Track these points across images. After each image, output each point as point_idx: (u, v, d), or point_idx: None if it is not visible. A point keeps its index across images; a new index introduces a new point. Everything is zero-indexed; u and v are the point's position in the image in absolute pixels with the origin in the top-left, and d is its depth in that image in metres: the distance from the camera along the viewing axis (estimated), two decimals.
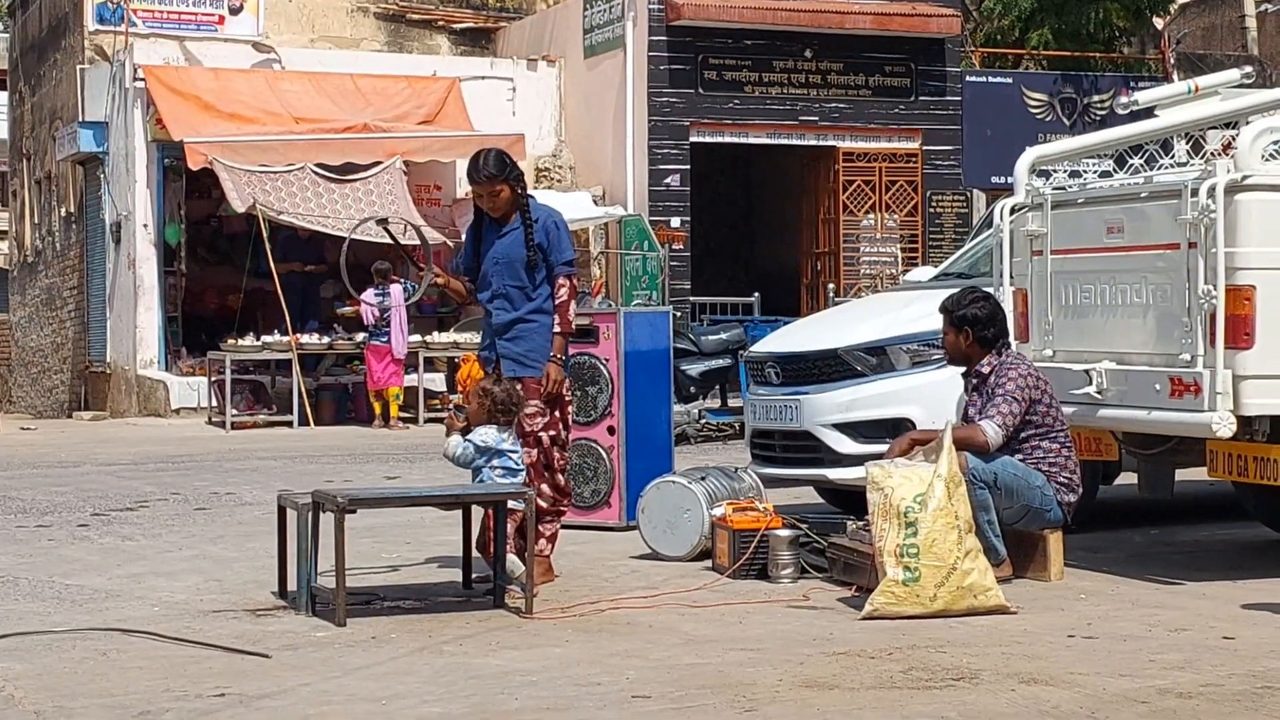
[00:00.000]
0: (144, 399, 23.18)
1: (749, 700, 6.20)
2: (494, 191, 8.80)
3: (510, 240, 8.84)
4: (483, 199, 8.85)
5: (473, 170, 8.86)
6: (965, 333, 8.82)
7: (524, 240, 8.80)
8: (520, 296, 8.80)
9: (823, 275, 24.74)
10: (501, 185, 8.80)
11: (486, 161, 8.84)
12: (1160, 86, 11.18)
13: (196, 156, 21.96)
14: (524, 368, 8.76)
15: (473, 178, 8.85)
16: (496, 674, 6.73)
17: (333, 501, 7.93)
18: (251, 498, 13.20)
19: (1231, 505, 10.64)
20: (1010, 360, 8.78)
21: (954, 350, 8.91)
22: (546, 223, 8.88)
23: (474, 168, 8.85)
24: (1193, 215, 8.40)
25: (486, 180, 8.79)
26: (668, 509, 9.61)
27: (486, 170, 8.80)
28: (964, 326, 8.82)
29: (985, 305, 8.84)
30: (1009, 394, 8.61)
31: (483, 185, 8.80)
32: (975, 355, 8.83)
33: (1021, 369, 8.71)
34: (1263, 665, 6.70)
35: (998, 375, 8.71)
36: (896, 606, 7.71)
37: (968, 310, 8.81)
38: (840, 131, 24.64)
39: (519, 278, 8.80)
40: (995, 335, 8.82)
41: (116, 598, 8.67)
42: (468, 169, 8.95)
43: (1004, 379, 8.68)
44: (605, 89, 24.54)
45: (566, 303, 8.82)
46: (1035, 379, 8.71)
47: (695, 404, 17.70)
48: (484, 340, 9.05)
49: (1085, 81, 26.43)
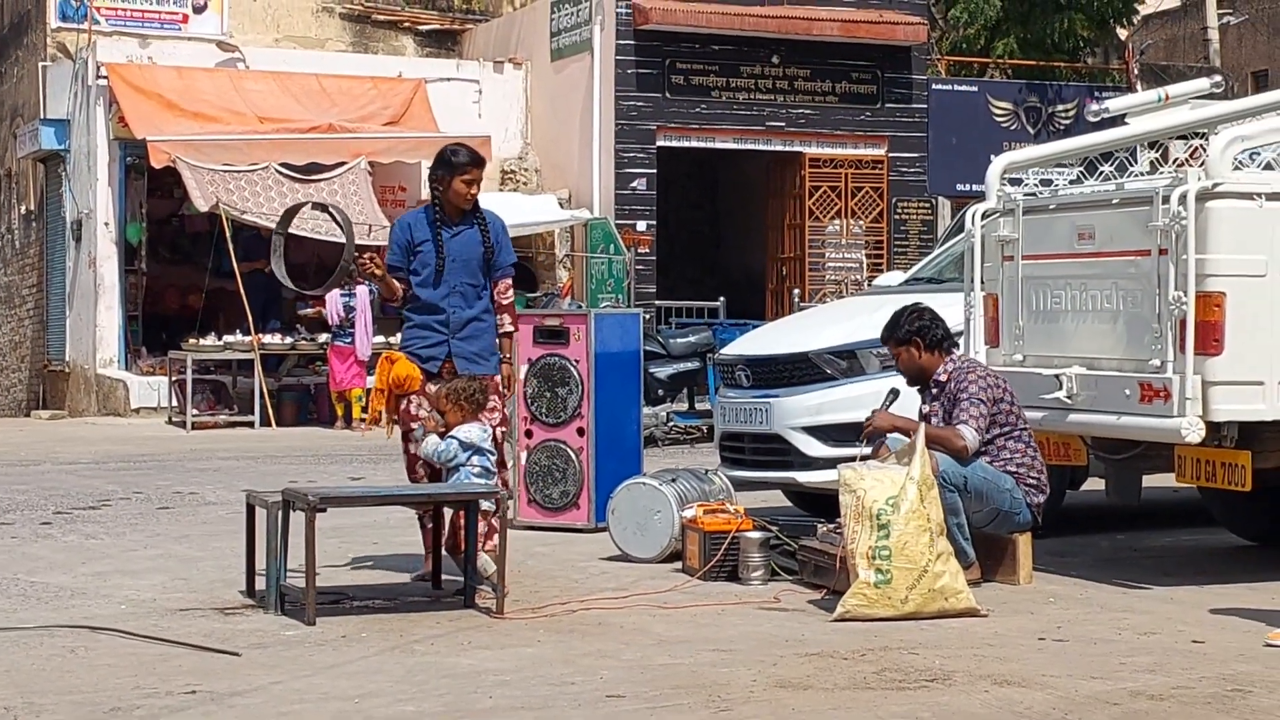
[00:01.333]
0: (103, 398, 23.06)
1: (723, 701, 6.19)
2: (477, 178, 8.85)
3: (465, 239, 8.82)
4: (472, 186, 8.82)
5: (452, 157, 8.86)
6: (915, 344, 8.87)
7: (480, 239, 8.80)
8: (474, 294, 8.79)
9: (788, 280, 24.76)
10: (481, 173, 8.89)
11: (464, 150, 8.91)
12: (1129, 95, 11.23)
13: (159, 155, 21.86)
14: (479, 365, 8.72)
15: (454, 164, 8.82)
16: (469, 673, 6.70)
17: (303, 500, 7.90)
18: (215, 497, 13.14)
19: (1198, 511, 10.68)
20: (966, 364, 8.85)
21: (910, 366, 8.94)
22: (495, 224, 8.93)
23: (453, 154, 8.87)
24: (1164, 222, 8.43)
25: (473, 165, 8.83)
26: (638, 510, 9.60)
27: (467, 157, 8.85)
28: (911, 339, 8.88)
29: (922, 314, 8.96)
30: (974, 397, 8.65)
31: (469, 171, 8.81)
32: (930, 363, 8.87)
33: (980, 371, 8.78)
34: (1232, 668, 6.73)
35: (957, 381, 8.75)
36: (868, 608, 7.72)
37: (907, 326, 8.90)
38: (806, 137, 24.68)
39: (475, 276, 8.79)
40: (942, 335, 8.90)
41: (82, 595, 8.61)
42: (445, 158, 8.90)
43: (965, 383, 8.71)
44: (572, 92, 24.53)
45: (512, 303, 8.91)
46: (995, 379, 8.78)
47: (663, 407, 17.70)
48: (427, 339, 8.83)
49: (1050, 91, 26.54)
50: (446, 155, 8.91)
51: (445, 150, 8.97)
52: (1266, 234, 8.41)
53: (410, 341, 8.88)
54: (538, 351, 11.00)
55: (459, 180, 8.82)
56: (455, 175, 8.83)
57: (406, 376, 8.68)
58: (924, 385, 8.95)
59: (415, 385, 8.69)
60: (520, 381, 11.02)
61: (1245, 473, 8.50)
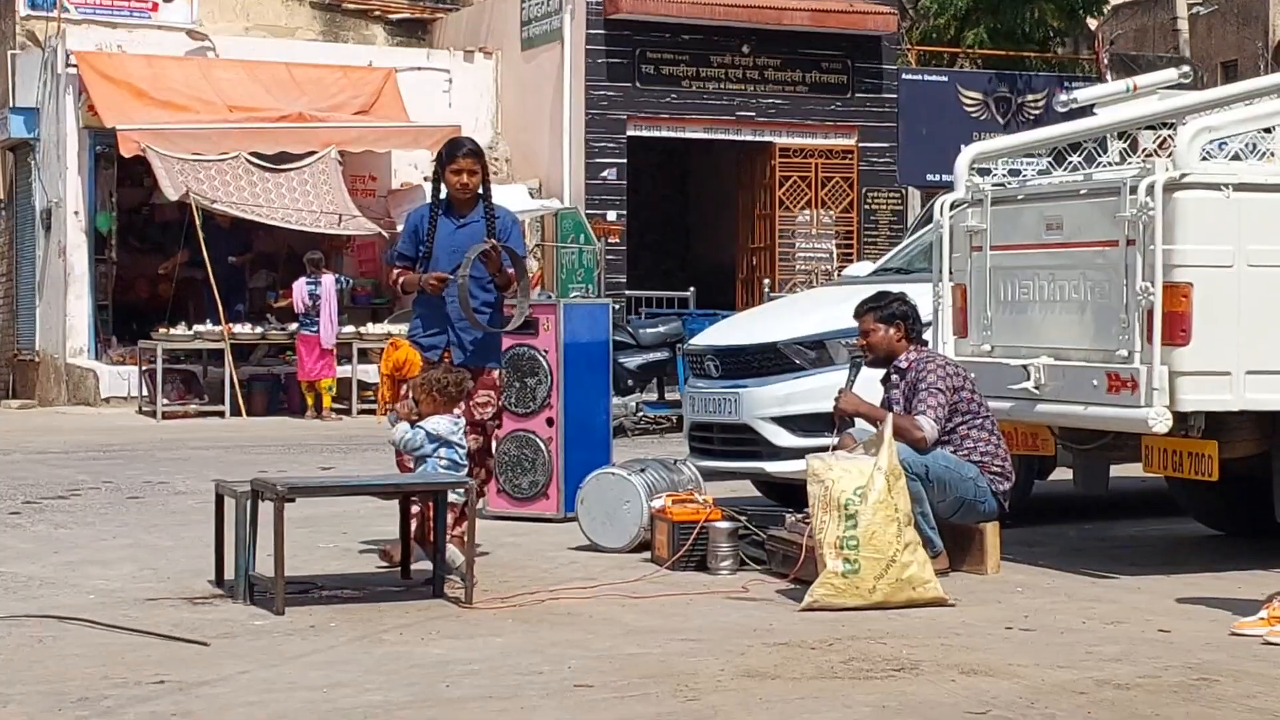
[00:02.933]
0: (74, 388, 22.99)
1: (691, 690, 6.21)
2: (474, 168, 8.86)
3: (471, 231, 8.84)
4: (460, 175, 8.84)
5: (453, 146, 8.92)
6: (898, 326, 8.90)
7: (486, 232, 8.81)
8: (476, 286, 8.79)
9: (758, 270, 24.78)
10: (480, 164, 8.90)
11: (463, 140, 9.03)
12: (1097, 85, 11.26)
13: (129, 144, 21.78)
14: (478, 357, 8.74)
15: (453, 153, 8.87)
16: (437, 663, 6.71)
17: (272, 490, 7.90)
18: (185, 487, 13.12)
19: (1165, 501, 10.73)
20: (926, 354, 8.91)
21: (884, 345, 8.96)
22: (505, 217, 8.97)
23: (453, 145, 8.94)
24: (1131, 213, 8.46)
25: (470, 156, 8.86)
26: (607, 500, 9.61)
27: (469, 145, 8.92)
28: (895, 321, 8.91)
29: (907, 302, 9.00)
30: (933, 386, 8.70)
31: (466, 160, 8.84)
32: (899, 350, 8.92)
33: (939, 360, 8.87)
34: (1198, 657, 6.77)
35: (917, 370, 8.80)
36: (836, 598, 7.74)
37: (896, 307, 8.94)
38: (777, 127, 24.68)
39: (478, 270, 8.78)
40: (920, 330, 8.97)
41: (51, 585, 8.60)
42: (446, 148, 8.99)
43: (924, 372, 8.77)
44: (542, 82, 24.50)
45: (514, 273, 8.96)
46: (954, 368, 8.84)
47: (633, 397, 17.71)
48: (429, 328, 8.96)
49: (1020, 81, 26.58)
50: (443, 151, 9.01)
51: (443, 146, 9.08)
52: (1233, 225, 8.44)
53: (414, 330, 9.02)
54: (507, 342, 10.94)
55: (448, 171, 8.88)
56: (445, 166, 8.89)
57: (406, 361, 8.73)
58: (886, 369, 8.97)
59: (415, 371, 8.75)
60: None
61: (1212, 462, 8.55)
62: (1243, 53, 38.69)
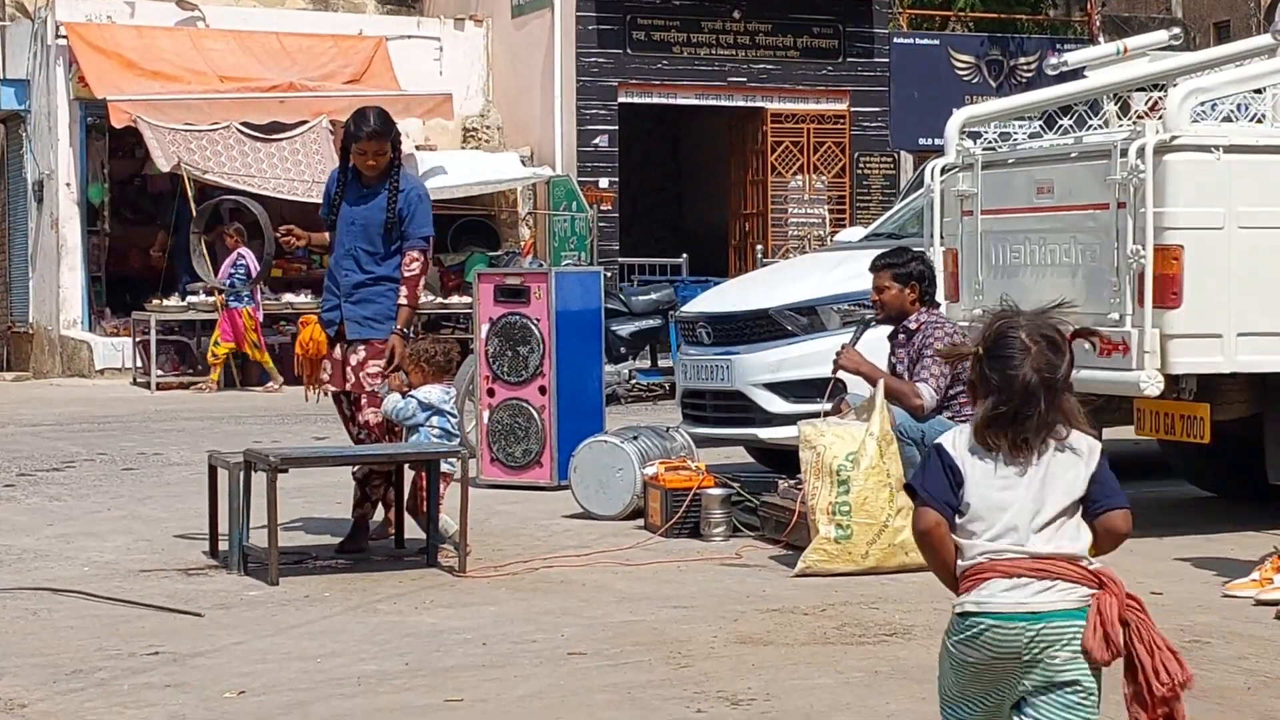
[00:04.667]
0: (68, 359, 22.98)
1: (684, 656, 6.23)
2: (380, 150, 8.49)
3: (372, 205, 8.56)
4: (366, 157, 8.49)
5: (357, 127, 8.48)
6: (913, 286, 8.84)
7: (385, 205, 8.52)
8: (369, 260, 8.55)
9: (750, 237, 24.76)
10: (387, 144, 8.51)
11: (370, 118, 8.49)
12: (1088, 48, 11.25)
13: (120, 115, 21.73)
14: (368, 329, 8.53)
15: (356, 134, 8.47)
16: (431, 632, 6.73)
17: (265, 461, 7.91)
18: (179, 458, 13.12)
19: (1158, 463, 10.75)
20: (935, 319, 8.85)
21: (896, 304, 8.84)
22: (411, 194, 8.59)
23: (358, 124, 8.48)
24: (1122, 175, 8.46)
25: (372, 137, 8.46)
26: (600, 468, 9.63)
27: (372, 126, 8.47)
28: (911, 281, 8.84)
29: (925, 261, 8.96)
30: (937, 354, 8.66)
31: (369, 143, 8.47)
32: (910, 310, 8.86)
33: (947, 328, 8.79)
34: (1190, 619, 6.79)
35: (924, 335, 8.76)
36: (829, 564, 7.76)
37: (913, 266, 8.86)
38: (768, 93, 24.63)
39: (372, 242, 8.56)
40: (934, 292, 8.91)
41: (45, 558, 8.61)
42: (350, 126, 8.53)
43: (930, 338, 8.72)
44: (533, 49, 24.44)
45: (417, 277, 8.56)
46: (961, 336, 8.78)
47: (625, 364, 17.71)
48: (327, 302, 8.75)
49: (1012, 44, 26.52)
50: (349, 124, 8.57)
51: (351, 118, 8.61)
52: (1224, 187, 8.45)
53: (321, 304, 8.82)
54: (498, 310, 11.01)
55: (355, 153, 8.55)
56: (358, 144, 8.52)
57: (311, 339, 8.63)
58: (894, 328, 8.92)
59: (321, 349, 8.62)
60: (481, 340, 11.05)
61: (1204, 425, 8.56)
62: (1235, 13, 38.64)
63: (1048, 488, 3.85)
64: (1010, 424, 3.89)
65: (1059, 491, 3.85)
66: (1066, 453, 3.89)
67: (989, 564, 3.81)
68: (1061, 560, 3.80)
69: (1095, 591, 3.79)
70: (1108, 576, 3.82)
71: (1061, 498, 3.85)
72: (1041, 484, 3.85)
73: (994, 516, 3.85)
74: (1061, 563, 3.80)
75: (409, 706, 5.61)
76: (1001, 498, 3.85)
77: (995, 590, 3.80)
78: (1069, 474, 3.88)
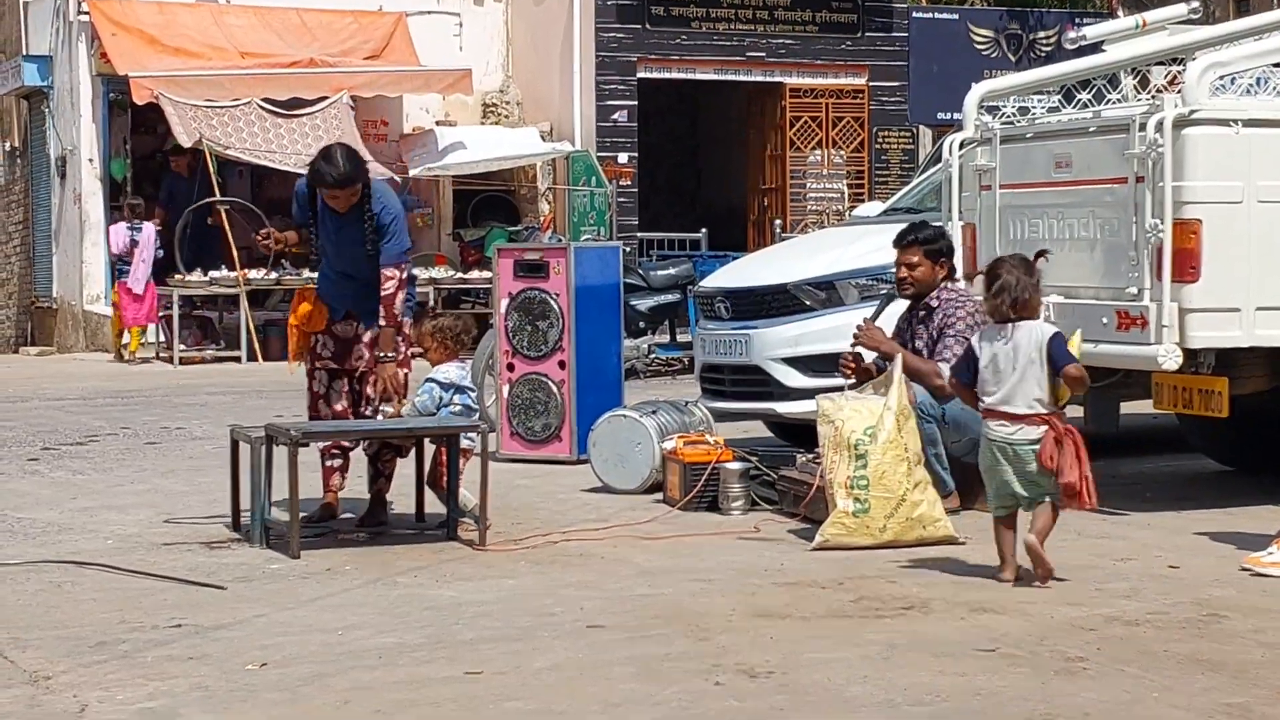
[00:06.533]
0: (91, 334, 23.06)
1: (702, 630, 6.26)
2: (351, 193, 8.37)
3: (349, 235, 8.47)
4: (337, 201, 8.37)
5: (323, 173, 8.32)
6: (942, 264, 8.85)
7: (362, 235, 8.41)
8: (368, 270, 8.46)
9: (769, 211, 24.75)
10: (355, 188, 8.37)
11: (339, 163, 8.30)
12: (1107, 22, 11.22)
13: (142, 91, 21.78)
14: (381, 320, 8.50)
15: (323, 181, 8.33)
16: (451, 605, 6.77)
17: (286, 435, 7.96)
18: (201, 432, 13.18)
19: (1176, 437, 10.75)
20: (958, 297, 8.83)
21: (925, 280, 8.85)
22: (383, 215, 8.43)
23: (326, 170, 8.31)
24: (1140, 150, 8.46)
25: (339, 184, 8.32)
26: (619, 442, 9.66)
27: (342, 172, 8.30)
28: (940, 258, 8.85)
29: (947, 236, 8.98)
30: (960, 333, 8.65)
31: (338, 189, 8.33)
32: (934, 285, 8.86)
33: (969, 306, 8.77)
34: (1207, 594, 6.81)
35: (946, 312, 8.76)
36: (847, 537, 7.79)
37: (943, 243, 8.88)
38: (787, 68, 24.61)
39: (359, 268, 8.50)
40: (954, 268, 8.93)
41: (69, 531, 8.67)
42: (314, 173, 8.38)
43: (952, 317, 8.73)
44: (552, 24, 24.43)
45: (392, 296, 8.40)
46: (983, 315, 8.76)
47: (644, 339, 17.73)
48: (332, 290, 8.67)
49: (1031, 17, 26.43)
50: (317, 166, 8.38)
51: (318, 158, 8.41)
52: (1243, 160, 8.44)
53: (320, 286, 8.74)
54: (518, 285, 11.04)
55: (324, 195, 8.43)
56: (326, 189, 8.40)
57: (313, 313, 8.62)
58: (915, 304, 8.92)
59: (321, 324, 8.61)
60: (500, 315, 11.08)
61: (1222, 399, 8.56)
62: None
63: (1018, 352, 7.01)
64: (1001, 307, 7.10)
65: (1027, 356, 6.99)
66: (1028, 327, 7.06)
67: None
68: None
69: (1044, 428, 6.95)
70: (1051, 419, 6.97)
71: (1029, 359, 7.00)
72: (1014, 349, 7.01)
73: (987, 373, 7.10)
74: None
75: (429, 679, 5.65)
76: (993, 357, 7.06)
77: (994, 425, 7.08)
78: (1030, 340, 7.01)
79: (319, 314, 8.61)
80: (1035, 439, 6.96)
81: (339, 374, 8.66)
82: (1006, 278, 7.09)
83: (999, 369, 7.03)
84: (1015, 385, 7.00)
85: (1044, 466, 6.93)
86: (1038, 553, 6.96)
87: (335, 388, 8.68)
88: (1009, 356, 7.01)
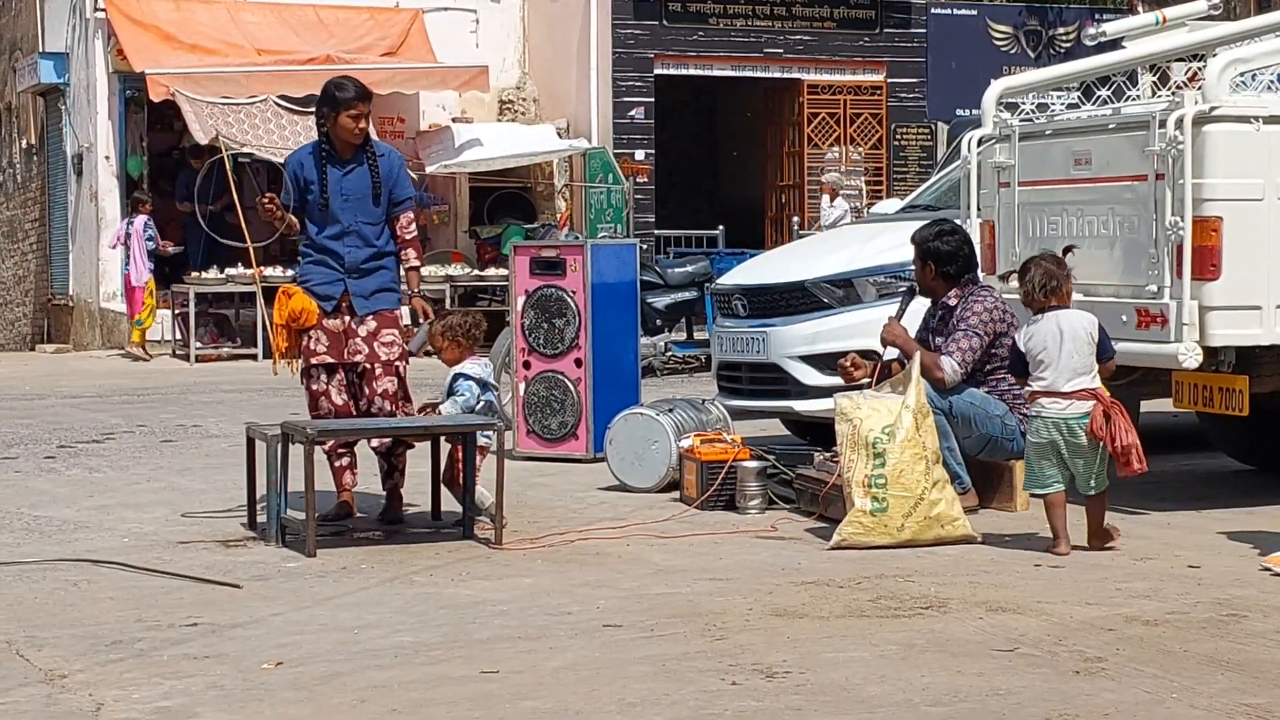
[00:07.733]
0: (107, 332, 23.08)
1: (719, 629, 6.24)
2: (368, 110, 8.62)
3: (357, 176, 8.57)
4: (358, 120, 8.53)
5: (337, 91, 8.56)
6: (930, 267, 8.86)
7: (369, 173, 8.55)
8: (373, 233, 8.57)
9: (787, 208, 24.73)
10: (369, 108, 8.66)
11: (350, 84, 8.62)
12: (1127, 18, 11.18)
13: (158, 88, 21.79)
14: (376, 301, 8.55)
15: (339, 100, 8.53)
16: (467, 604, 6.75)
17: (302, 433, 7.94)
18: (218, 430, 13.18)
19: (1196, 436, 10.71)
20: (977, 293, 8.79)
21: (922, 282, 8.95)
22: (391, 157, 8.67)
23: (339, 89, 8.58)
24: (1160, 147, 8.43)
25: (361, 99, 8.55)
26: (635, 441, 9.64)
27: (358, 87, 8.60)
28: (928, 260, 8.86)
29: (951, 240, 8.87)
30: (971, 328, 8.64)
31: (360, 104, 8.54)
32: (939, 289, 8.88)
33: (987, 303, 8.73)
34: (1227, 593, 6.77)
35: (963, 308, 8.74)
36: (864, 536, 7.76)
37: (933, 245, 8.85)
38: (805, 64, 24.58)
39: (370, 214, 8.57)
40: (958, 271, 8.85)
41: (85, 529, 8.67)
42: (330, 93, 8.58)
43: (968, 312, 8.70)
44: (569, 21, 24.42)
45: (417, 237, 8.74)
46: (1002, 312, 8.73)
47: (661, 336, 17.72)
48: (324, 275, 8.63)
49: (1050, 13, 26.38)
50: (331, 90, 8.60)
51: (330, 85, 8.65)
52: (1264, 158, 8.40)
53: (308, 277, 8.70)
54: (535, 283, 11.02)
55: (345, 116, 8.53)
56: (341, 111, 8.52)
57: (303, 310, 8.56)
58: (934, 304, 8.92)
59: (312, 320, 8.56)
60: (517, 313, 11.06)
61: (1243, 397, 8.53)
62: None
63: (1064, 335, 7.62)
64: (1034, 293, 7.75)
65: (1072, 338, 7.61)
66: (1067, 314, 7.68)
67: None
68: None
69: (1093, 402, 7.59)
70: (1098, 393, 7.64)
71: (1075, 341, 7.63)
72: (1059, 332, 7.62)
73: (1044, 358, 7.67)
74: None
75: (445, 677, 5.63)
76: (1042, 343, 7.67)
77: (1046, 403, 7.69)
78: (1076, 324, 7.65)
79: (308, 310, 8.55)
80: (1085, 412, 7.56)
81: (335, 369, 8.62)
82: (1039, 268, 7.77)
83: (1048, 353, 7.63)
84: (1065, 366, 7.61)
85: (1094, 436, 7.52)
86: (1104, 535, 7.71)
87: (334, 383, 8.65)
88: (1056, 340, 7.62)
